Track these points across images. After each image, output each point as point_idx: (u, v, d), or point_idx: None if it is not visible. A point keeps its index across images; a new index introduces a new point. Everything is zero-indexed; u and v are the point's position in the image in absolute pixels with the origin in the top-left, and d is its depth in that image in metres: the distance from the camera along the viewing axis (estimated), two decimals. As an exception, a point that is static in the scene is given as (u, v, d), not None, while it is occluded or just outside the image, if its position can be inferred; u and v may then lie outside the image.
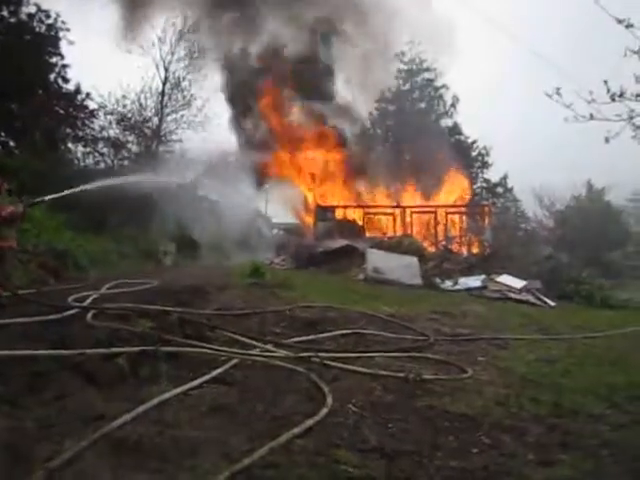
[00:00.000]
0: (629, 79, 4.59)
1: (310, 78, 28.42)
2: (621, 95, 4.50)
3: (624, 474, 2.98)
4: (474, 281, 15.29)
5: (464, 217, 26.30)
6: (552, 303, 14.12)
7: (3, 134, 22.22)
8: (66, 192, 9.15)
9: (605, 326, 8.56)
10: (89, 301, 7.43)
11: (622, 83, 4.50)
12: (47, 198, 8.39)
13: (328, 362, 4.88)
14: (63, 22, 23.28)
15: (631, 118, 4.61)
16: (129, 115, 26.99)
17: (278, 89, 28.73)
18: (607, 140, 4.64)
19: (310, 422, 3.38)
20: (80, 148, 24.94)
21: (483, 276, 15.53)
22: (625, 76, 4.59)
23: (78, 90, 24.06)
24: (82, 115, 23.61)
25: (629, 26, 4.41)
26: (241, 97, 29.64)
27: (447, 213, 26.34)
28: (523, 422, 3.76)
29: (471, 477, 2.84)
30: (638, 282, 19.42)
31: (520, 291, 14.54)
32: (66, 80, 23.89)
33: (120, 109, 26.61)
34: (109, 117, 26.03)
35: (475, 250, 22.63)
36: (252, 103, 29.81)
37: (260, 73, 28.51)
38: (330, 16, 27.60)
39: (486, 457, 3.12)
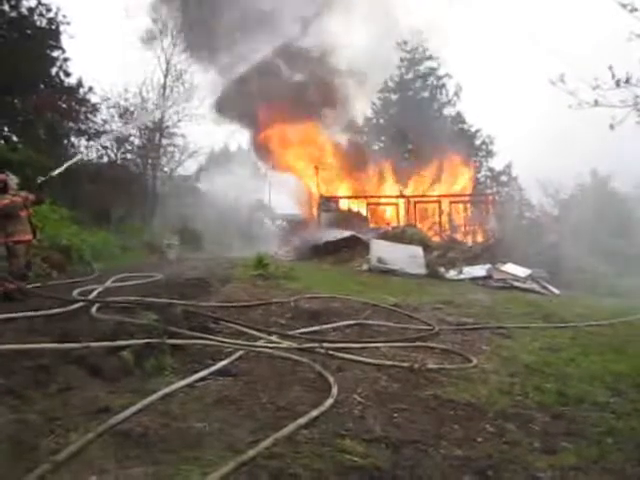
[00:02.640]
0: (634, 64, 4.54)
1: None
2: (627, 81, 4.45)
3: (628, 462, 2.98)
4: (479, 270, 15.28)
5: (468, 206, 26.21)
6: (557, 291, 14.10)
7: (6, 129, 22.25)
8: (69, 162, 9.10)
9: (609, 314, 8.54)
10: (94, 294, 7.47)
11: (628, 68, 4.44)
12: (55, 173, 8.30)
13: (333, 353, 4.90)
14: (64, 16, 23.25)
15: (636, 104, 4.56)
16: (131, 108, 26.99)
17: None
18: (612, 127, 4.60)
19: (315, 412, 3.38)
20: (83, 142, 25.01)
21: (488, 265, 15.50)
22: (630, 61, 4.54)
23: (80, 84, 24.07)
24: (84, 109, 23.61)
25: (633, 10, 4.35)
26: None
27: (451, 202, 26.24)
28: (528, 410, 3.76)
29: (476, 465, 2.85)
30: (643, 270, 19.32)
31: (525, 280, 14.52)
32: (68, 74, 23.90)
33: (122, 102, 26.61)
34: (111, 110, 26.05)
35: (479, 239, 22.59)
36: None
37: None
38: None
39: (491, 446, 3.13)
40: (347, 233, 19.93)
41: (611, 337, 6.69)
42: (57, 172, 8.31)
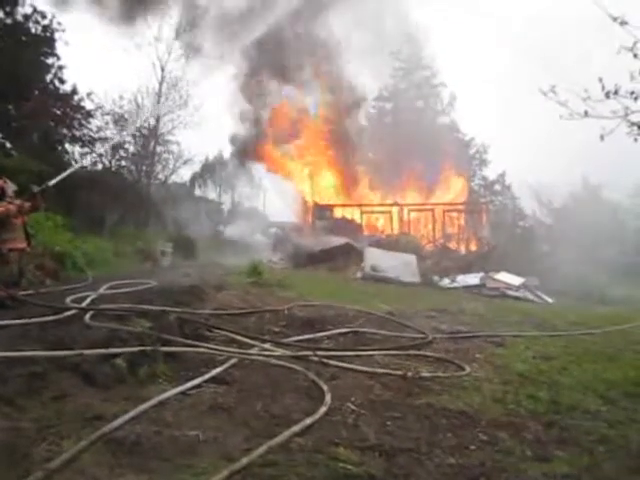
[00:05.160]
0: (624, 76, 4.60)
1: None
2: (616, 92, 4.51)
3: (620, 470, 3.00)
4: (472, 278, 15.35)
5: (462, 215, 26.34)
6: (550, 300, 14.18)
7: (0, 135, 22.17)
8: (67, 172, 9.01)
9: (602, 322, 8.58)
10: (87, 302, 7.43)
11: (617, 81, 4.50)
12: (51, 183, 8.18)
13: (326, 361, 4.90)
14: (59, 23, 23.28)
15: (626, 115, 4.61)
16: (126, 115, 26.98)
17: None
18: (602, 137, 4.65)
19: (309, 420, 3.39)
20: (77, 149, 24.95)
21: (481, 273, 15.58)
22: (620, 73, 4.59)
23: (75, 91, 24.06)
24: (79, 116, 23.57)
25: (623, 23, 4.41)
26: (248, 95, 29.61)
27: (445, 211, 26.36)
28: (520, 419, 3.78)
29: (469, 473, 2.86)
30: (635, 278, 19.46)
31: (518, 288, 14.59)
32: (62, 81, 23.90)
33: (117, 109, 26.61)
34: (106, 117, 26.03)
35: (473, 248, 22.70)
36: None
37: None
38: None
39: (483, 454, 3.14)
40: (341, 241, 19.99)
41: (604, 346, 6.72)
42: (53, 182, 8.21)
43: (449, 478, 2.82)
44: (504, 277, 15.14)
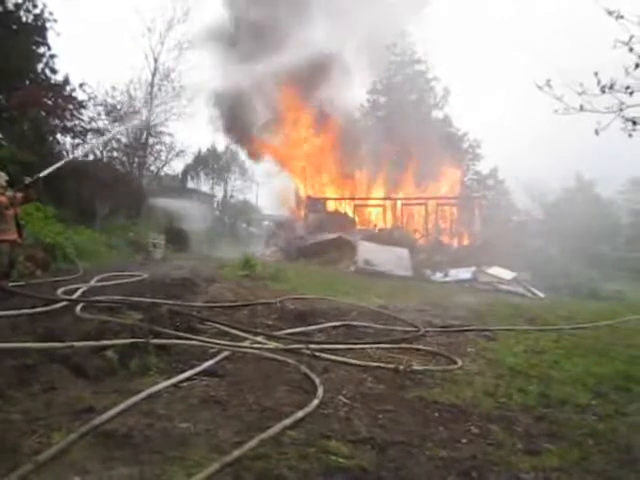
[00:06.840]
0: (619, 71, 4.60)
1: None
2: (611, 87, 4.52)
3: (610, 463, 3.02)
4: (464, 273, 15.42)
5: (455, 209, 26.38)
6: (541, 294, 14.27)
7: (-10, 125, 21.95)
8: (58, 164, 8.98)
9: (593, 317, 8.65)
10: (78, 294, 7.39)
11: (612, 75, 4.51)
12: (42, 174, 8.11)
13: (319, 354, 4.90)
14: (50, 13, 23.02)
15: (621, 110, 4.62)
16: (118, 106, 26.77)
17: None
18: (597, 132, 4.66)
19: (301, 413, 3.38)
20: (69, 139, 24.74)
21: (473, 268, 15.65)
22: (615, 68, 4.60)
23: (67, 81, 23.83)
24: (71, 106, 23.35)
25: (619, 17, 4.41)
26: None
27: (438, 205, 26.39)
28: (511, 412, 3.79)
29: (460, 466, 2.86)
30: (627, 274, 19.62)
31: (510, 282, 14.67)
32: (54, 71, 23.67)
33: (109, 100, 26.39)
34: (98, 108, 25.82)
35: (466, 242, 22.77)
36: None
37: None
38: None
39: (475, 447, 3.15)
40: (334, 234, 20.00)
41: (594, 340, 6.77)
42: (45, 173, 8.14)
43: (441, 471, 2.82)
44: (496, 271, 15.21)
